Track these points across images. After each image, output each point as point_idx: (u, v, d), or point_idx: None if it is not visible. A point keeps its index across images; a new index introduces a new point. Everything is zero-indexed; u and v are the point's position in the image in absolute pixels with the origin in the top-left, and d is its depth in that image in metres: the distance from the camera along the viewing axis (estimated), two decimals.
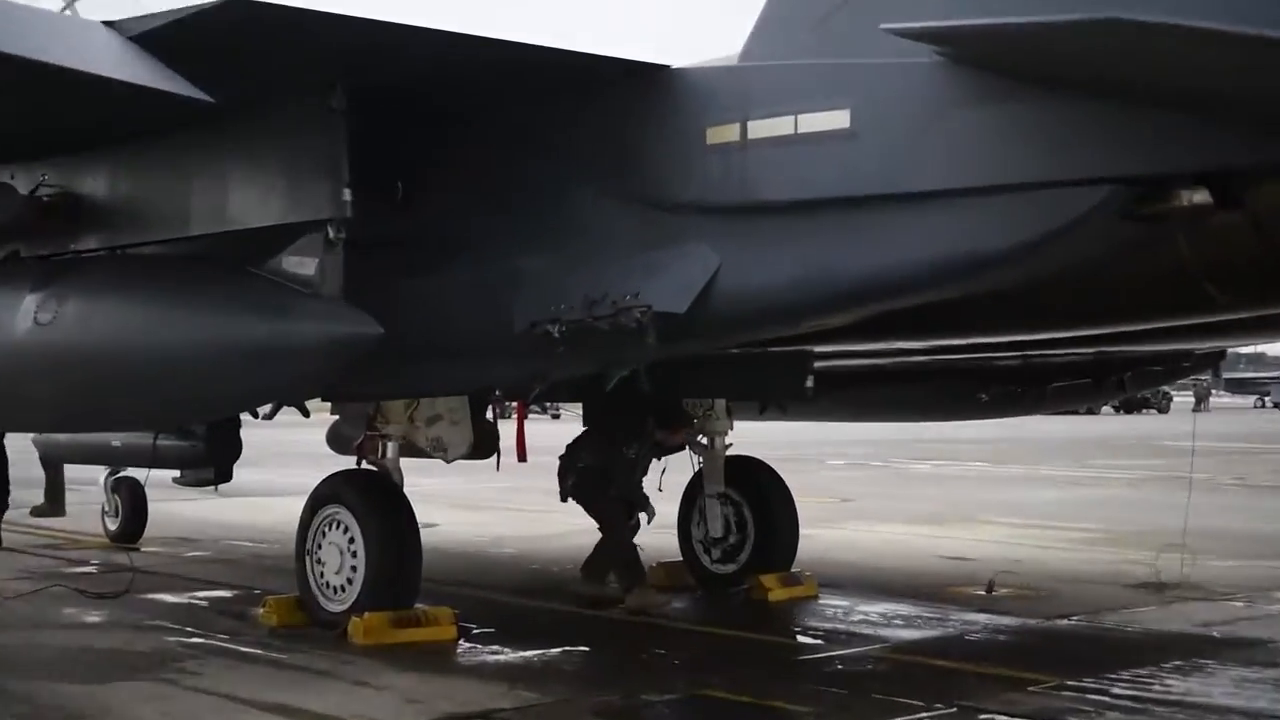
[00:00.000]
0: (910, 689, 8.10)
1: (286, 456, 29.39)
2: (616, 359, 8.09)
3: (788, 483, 12.22)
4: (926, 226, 6.75)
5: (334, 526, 9.86)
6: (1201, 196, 6.39)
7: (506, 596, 11.72)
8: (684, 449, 11.77)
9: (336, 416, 12.10)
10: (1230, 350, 13.42)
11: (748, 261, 7.30)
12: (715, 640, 9.92)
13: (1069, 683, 8.29)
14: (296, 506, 10.57)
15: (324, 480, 10.14)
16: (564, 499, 11.02)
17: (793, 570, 11.78)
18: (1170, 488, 22.05)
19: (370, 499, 9.81)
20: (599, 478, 10.81)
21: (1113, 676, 8.48)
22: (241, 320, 7.75)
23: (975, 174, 6.57)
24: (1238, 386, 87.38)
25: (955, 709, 7.66)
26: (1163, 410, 67.97)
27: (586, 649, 9.45)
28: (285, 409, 10.15)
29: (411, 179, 8.61)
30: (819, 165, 6.97)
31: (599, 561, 10.91)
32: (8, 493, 14.72)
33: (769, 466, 12.33)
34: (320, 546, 9.92)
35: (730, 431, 12.14)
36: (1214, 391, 73.62)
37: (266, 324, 7.70)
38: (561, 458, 11.05)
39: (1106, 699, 7.97)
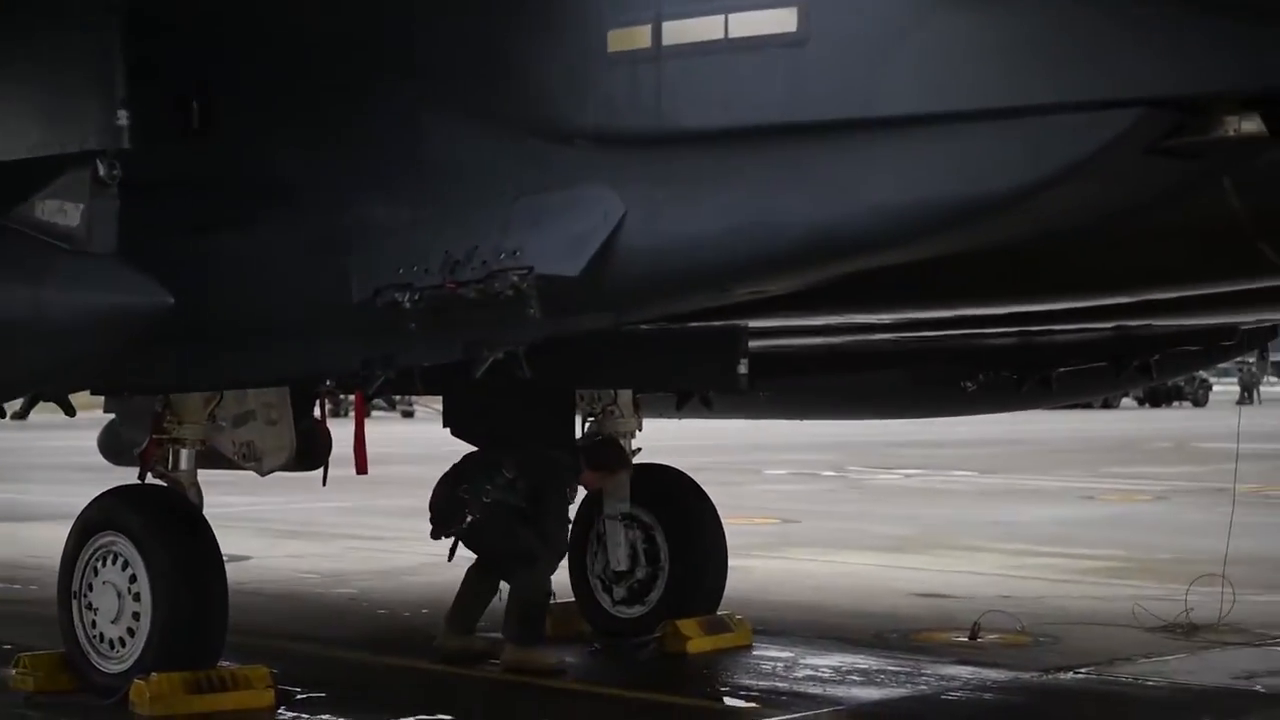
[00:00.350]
0: None
1: (44, 468, 29.04)
2: (488, 338, 8.06)
3: (713, 499, 12.26)
4: (897, 163, 6.79)
5: (109, 561, 9.76)
6: (1253, 125, 6.48)
7: (343, 651, 11.67)
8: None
9: (112, 416, 11.95)
10: None
11: (662, 209, 7.30)
12: (617, 705, 9.94)
13: None
14: (58, 534, 10.43)
15: (95, 500, 10.03)
16: (440, 536, 10.89)
17: (719, 613, 11.83)
18: (1207, 502, 22.44)
19: (157, 524, 9.73)
20: (517, 517, 10.71)
21: None
22: None
23: (961, 94, 6.62)
24: None
25: None
26: (1199, 403, 69.22)
27: (448, 719, 9.41)
28: (42, 405, 10.00)
29: (211, 98, 8.52)
30: (757, 82, 6.98)
31: (467, 608, 10.90)
32: None
33: (689, 479, 12.36)
34: (92, 588, 9.82)
35: (638, 433, 12.15)
36: (1265, 378, 75.10)
37: (14, 291, 7.59)
38: (447, 481, 10.88)
39: None
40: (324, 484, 11.20)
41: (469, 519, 10.65)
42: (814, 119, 6.90)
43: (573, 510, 11.39)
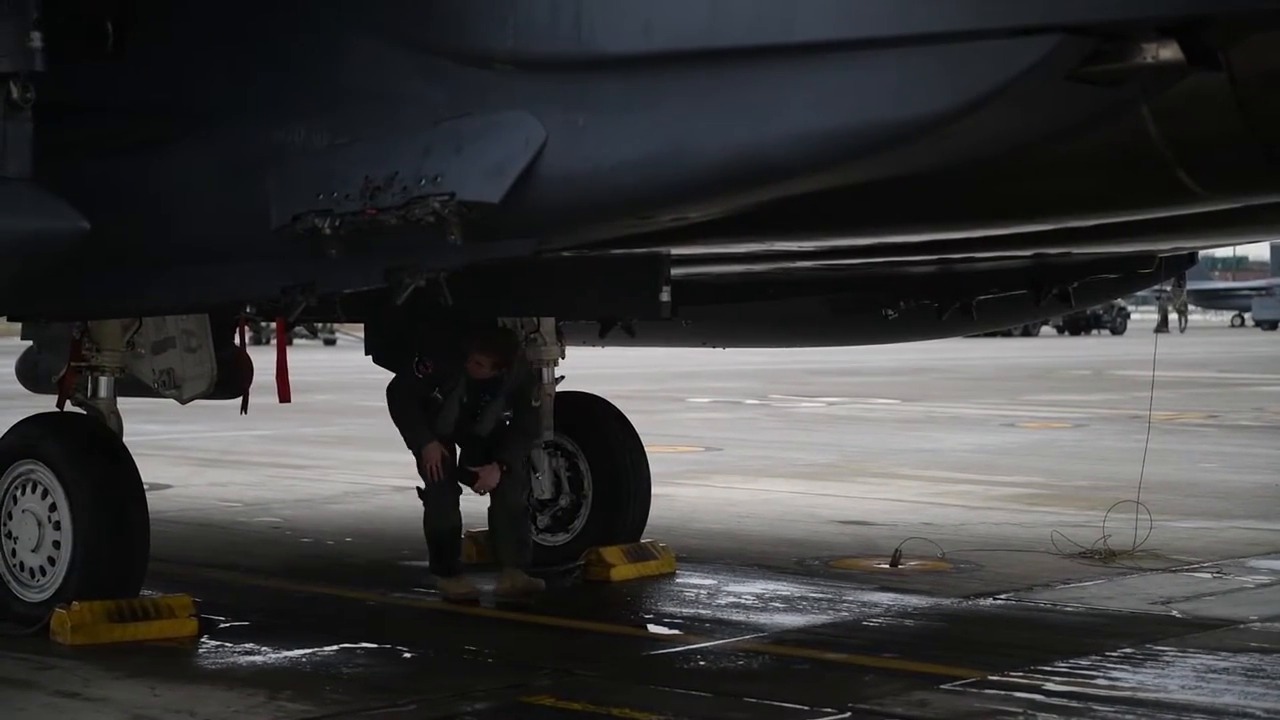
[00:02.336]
0: (792, 690, 8.26)
1: None
2: (409, 264, 8.01)
3: (636, 427, 12.29)
4: (816, 89, 6.76)
5: (28, 489, 9.73)
6: (1170, 52, 6.49)
7: (266, 580, 11.67)
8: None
9: (29, 343, 11.84)
10: (1202, 253, 13.75)
11: (583, 134, 7.26)
12: (540, 632, 9.99)
13: (993, 678, 8.52)
14: None
15: (14, 427, 10.00)
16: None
17: (643, 541, 11.88)
18: (1124, 429, 22.70)
19: (77, 452, 9.69)
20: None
21: (1047, 669, 8.74)
22: None
23: (880, 20, 6.59)
24: (1210, 299, 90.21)
25: (849, 713, 7.82)
26: (1117, 330, 70.01)
27: (373, 646, 9.45)
28: None
29: (126, 20, 8.40)
30: (677, 7, 6.94)
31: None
32: None
33: (612, 407, 12.39)
34: (11, 516, 9.80)
35: (561, 361, 12.15)
36: (1181, 307, 75.90)
37: None
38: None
39: (1039, 697, 8.21)
40: (244, 411, 11.14)
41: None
42: (733, 44, 6.87)
43: None
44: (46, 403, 10.44)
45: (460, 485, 10.82)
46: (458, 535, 10.83)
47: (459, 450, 10.92)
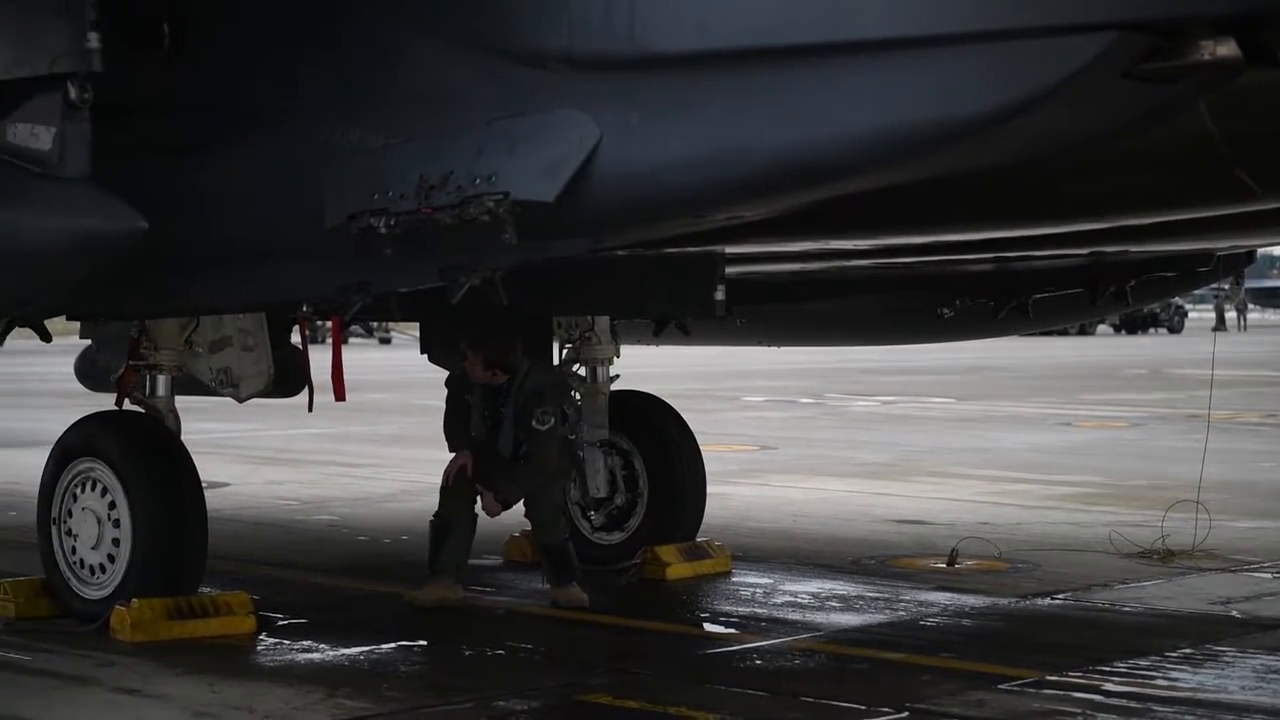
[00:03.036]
0: (849, 689, 8.24)
1: (20, 395, 29.01)
2: (464, 263, 8.04)
3: (692, 426, 12.29)
4: (872, 87, 6.75)
5: (88, 487, 9.79)
6: (1227, 49, 6.45)
7: (323, 578, 11.71)
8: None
9: (88, 342, 11.93)
10: (1260, 251, 13.66)
11: (637, 133, 7.27)
12: (597, 631, 9.99)
13: (1051, 678, 8.48)
14: (36, 461, 10.43)
15: (73, 425, 10.04)
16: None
17: (698, 540, 11.87)
18: (1182, 429, 22.57)
19: (136, 451, 9.74)
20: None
21: (1106, 669, 8.69)
22: None
23: (936, 17, 6.58)
24: (1268, 298, 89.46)
25: (906, 713, 7.80)
26: (1175, 329, 69.52)
27: (430, 643, 9.48)
28: (17, 331, 9.98)
29: (182, 20, 8.45)
30: (731, 5, 6.94)
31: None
32: None
33: (668, 405, 12.38)
34: (71, 514, 9.85)
35: (616, 360, 12.16)
36: (1241, 305, 75.37)
37: None
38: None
39: (1098, 697, 8.17)
40: (310, 410, 11.20)
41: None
42: (787, 43, 6.86)
43: None
44: (105, 401, 10.52)
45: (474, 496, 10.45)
46: (445, 536, 10.44)
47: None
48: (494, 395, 10.52)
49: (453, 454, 10.52)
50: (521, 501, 10.59)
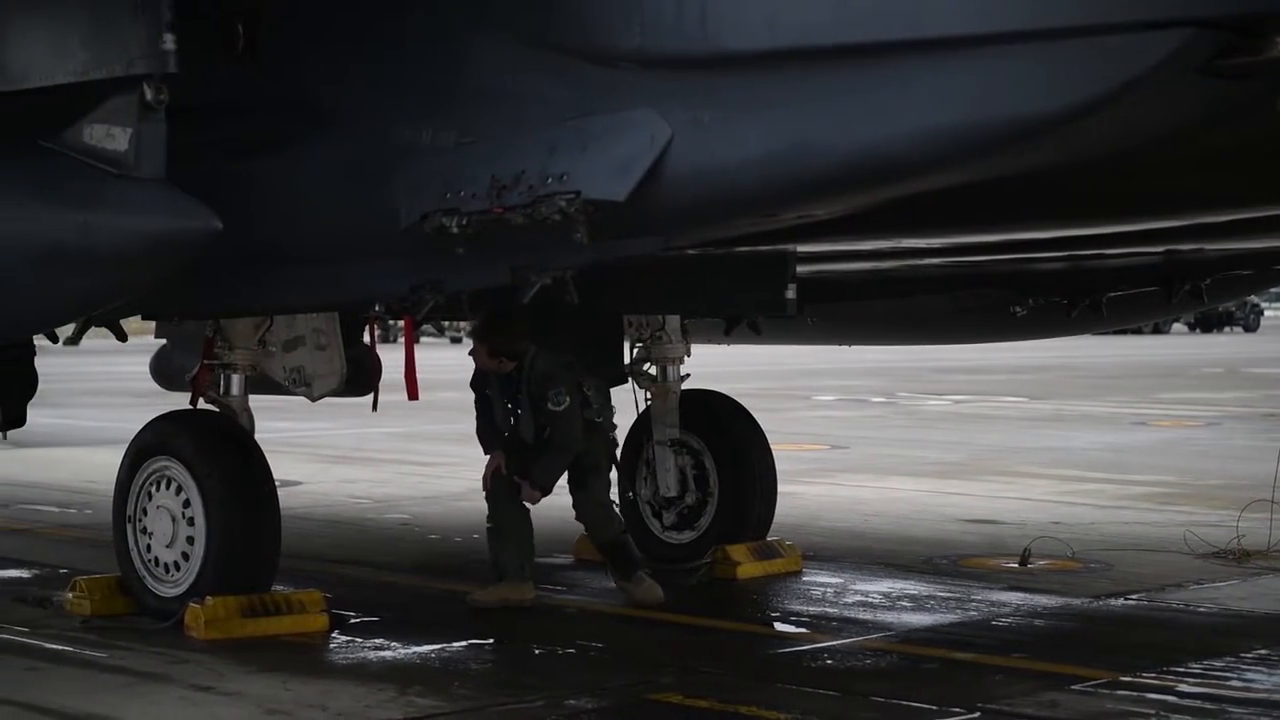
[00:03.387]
0: (921, 689, 8.21)
1: (97, 394, 29.28)
2: (535, 262, 8.06)
3: (763, 425, 12.28)
4: (942, 85, 6.73)
5: (163, 485, 9.86)
6: None
7: (395, 576, 11.76)
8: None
9: (163, 341, 12.03)
10: None
11: (708, 132, 7.26)
12: (667, 630, 10.00)
13: (1124, 679, 8.42)
14: (112, 459, 10.53)
15: (148, 424, 10.10)
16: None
17: (769, 539, 11.86)
18: (1258, 428, 22.37)
19: (210, 449, 9.80)
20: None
21: (1180, 670, 8.63)
22: (30, 212, 7.66)
23: (1007, 15, 6.55)
24: None
25: (978, 713, 7.77)
26: (1250, 328, 68.75)
27: (500, 642, 9.50)
28: (94, 331, 10.06)
29: (257, 22, 8.52)
30: (801, 4, 6.93)
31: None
32: None
33: (738, 404, 12.37)
34: (146, 512, 9.93)
35: (687, 359, 12.16)
36: None
37: (63, 216, 7.61)
38: None
39: (1172, 698, 8.11)
40: (375, 409, 11.24)
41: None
42: (859, 41, 6.85)
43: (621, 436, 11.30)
44: (180, 400, 10.59)
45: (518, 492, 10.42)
46: (500, 538, 10.47)
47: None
48: (508, 385, 10.49)
49: (487, 457, 10.56)
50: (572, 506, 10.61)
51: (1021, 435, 22.53)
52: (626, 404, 12.14)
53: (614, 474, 10.99)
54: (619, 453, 11.14)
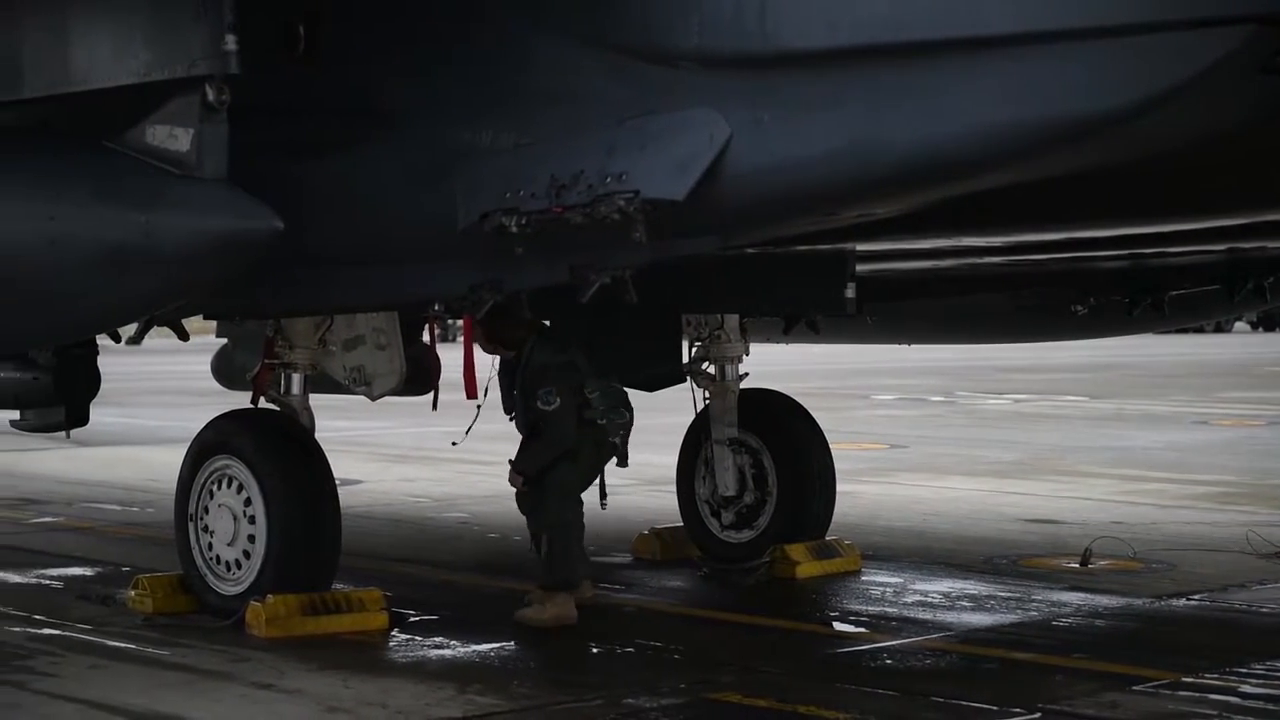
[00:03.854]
0: (981, 689, 8.18)
1: (159, 393, 29.49)
2: (594, 261, 8.07)
3: (821, 424, 12.26)
4: (1003, 83, 6.71)
5: (225, 484, 9.91)
6: None
7: (455, 575, 11.80)
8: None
9: (224, 340, 12.09)
10: None
11: (768, 131, 7.26)
12: (726, 629, 10.00)
13: (1186, 679, 8.37)
14: (174, 458, 10.59)
15: (210, 423, 10.16)
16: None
17: (828, 538, 11.84)
18: None
19: (271, 448, 9.85)
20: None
21: (1243, 671, 8.56)
22: (93, 211, 7.71)
23: (1068, 12, 6.53)
24: None
25: (1039, 714, 7.73)
26: None
27: (559, 641, 9.52)
28: (156, 330, 10.13)
29: (318, 23, 8.55)
30: (861, 1, 6.92)
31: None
32: None
33: (797, 403, 12.36)
34: (207, 510, 9.99)
35: (745, 358, 12.15)
36: None
37: (126, 216, 7.67)
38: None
39: (1234, 699, 8.05)
40: (434, 408, 11.28)
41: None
42: (919, 39, 6.84)
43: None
44: (241, 399, 10.64)
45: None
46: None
47: None
48: (510, 373, 10.37)
49: None
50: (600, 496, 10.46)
51: (1082, 434, 22.41)
52: (684, 403, 12.15)
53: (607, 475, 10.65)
54: (624, 454, 10.67)
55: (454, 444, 11.42)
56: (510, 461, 10.23)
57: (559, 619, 9.82)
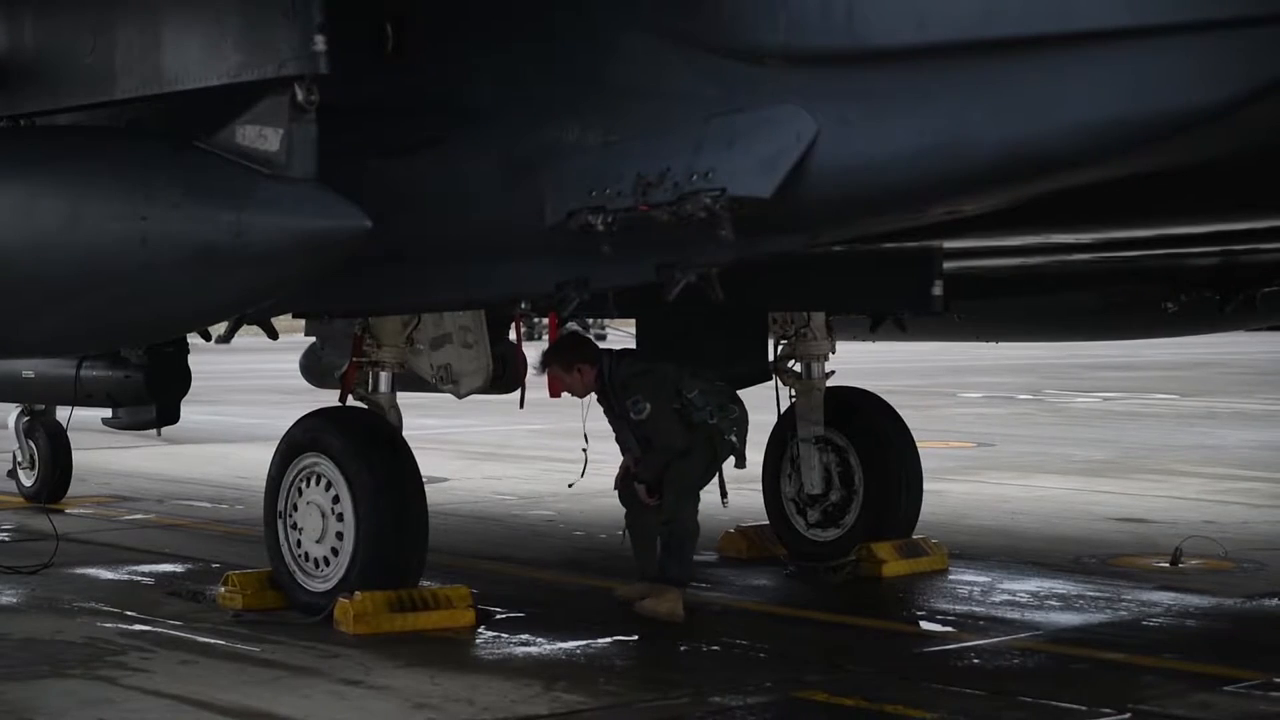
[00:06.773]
0: (1070, 689, 8.13)
1: (248, 391, 29.75)
2: (680, 259, 8.06)
3: (908, 422, 12.21)
4: (1098, 78, 6.65)
5: (313, 481, 9.98)
6: None
7: (540, 572, 11.83)
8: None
9: (313, 339, 12.17)
10: None
11: (855, 128, 7.24)
12: (811, 627, 9.98)
13: (1278, 680, 8.28)
14: (263, 456, 10.68)
15: (298, 421, 10.23)
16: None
17: (914, 537, 11.80)
18: None
19: (359, 446, 9.90)
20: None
21: None
22: (184, 211, 7.78)
23: (1162, 7, 6.46)
24: None
25: (1129, 714, 7.68)
26: None
27: (645, 639, 9.53)
28: (245, 329, 10.22)
29: (406, 23, 8.59)
30: None
31: None
32: None
33: (883, 401, 12.31)
34: (296, 508, 10.06)
35: (832, 355, 12.12)
36: None
37: (217, 215, 7.72)
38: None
39: None
40: (521, 406, 11.32)
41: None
42: (1009, 34, 6.79)
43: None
44: (329, 397, 10.72)
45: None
46: (634, 539, 10.48)
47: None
48: (604, 400, 10.47)
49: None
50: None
51: (1173, 433, 22.22)
52: (769, 401, 12.14)
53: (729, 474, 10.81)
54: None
55: (570, 485, 11.45)
56: (635, 481, 10.33)
57: (671, 614, 9.88)
